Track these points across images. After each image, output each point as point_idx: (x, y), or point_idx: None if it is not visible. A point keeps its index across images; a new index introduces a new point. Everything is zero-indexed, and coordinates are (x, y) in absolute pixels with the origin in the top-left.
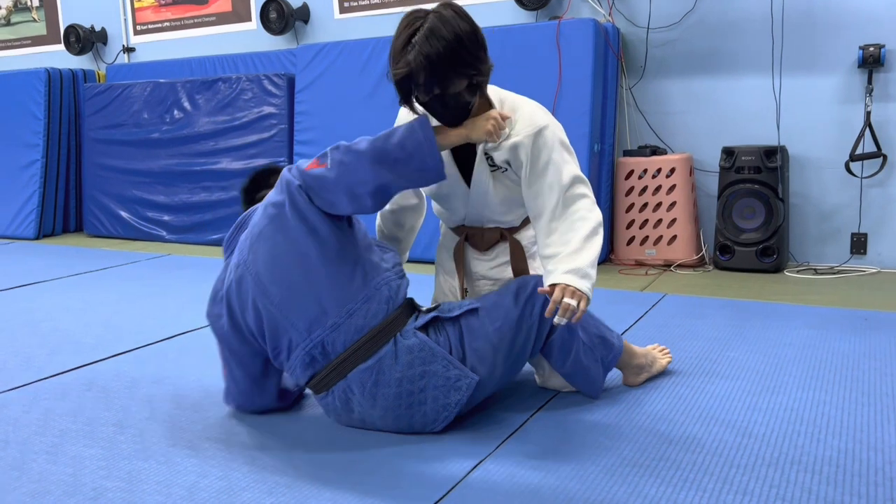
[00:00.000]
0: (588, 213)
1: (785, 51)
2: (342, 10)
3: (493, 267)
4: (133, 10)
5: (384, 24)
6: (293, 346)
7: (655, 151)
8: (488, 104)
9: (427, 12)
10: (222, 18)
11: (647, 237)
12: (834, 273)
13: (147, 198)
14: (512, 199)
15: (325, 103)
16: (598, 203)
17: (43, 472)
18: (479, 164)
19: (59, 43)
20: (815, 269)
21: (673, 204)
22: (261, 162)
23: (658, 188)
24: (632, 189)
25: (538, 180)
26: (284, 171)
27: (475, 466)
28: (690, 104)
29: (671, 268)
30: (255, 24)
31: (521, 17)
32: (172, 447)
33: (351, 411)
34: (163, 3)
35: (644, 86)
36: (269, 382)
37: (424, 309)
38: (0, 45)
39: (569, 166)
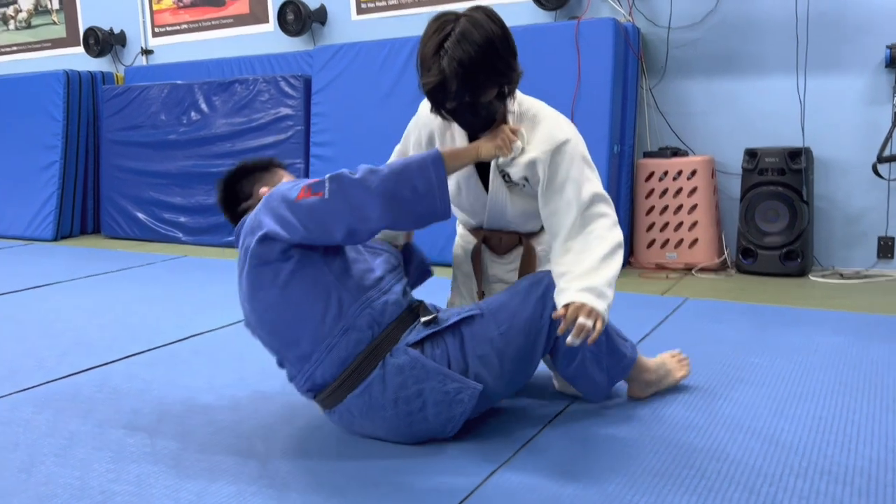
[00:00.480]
0: (607, 233)
1: (810, 50)
2: (359, 11)
3: (510, 270)
4: (151, 12)
5: (401, 25)
6: (291, 373)
7: (676, 153)
8: (503, 116)
9: (458, 15)
10: (240, 20)
11: (667, 240)
12: (860, 278)
13: (164, 199)
14: (531, 211)
15: (342, 105)
16: (617, 205)
17: (51, 474)
18: (494, 180)
19: (79, 45)
20: (840, 274)
21: (694, 206)
22: None
23: (679, 190)
24: (652, 191)
25: (555, 197)
26: (263, 202)
27: (490, 475)
28: (712, 105)
29: (692, 271)
30: (272, 25)
31: (540, 16)
32: (182, 451)
33: (355, 425)
34: (181, 5)
35: (665, 86)
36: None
37: (426, 319)
38: (21, 48)
39: (589, 184)
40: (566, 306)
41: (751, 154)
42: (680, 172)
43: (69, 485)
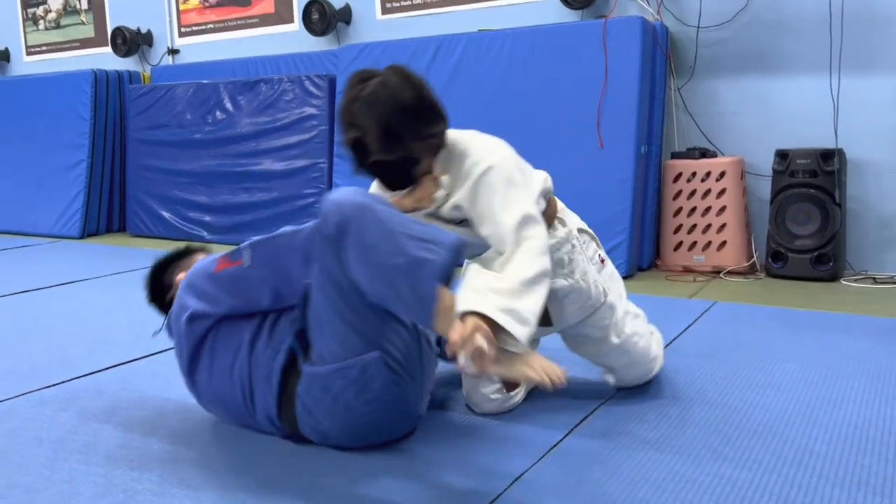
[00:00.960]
0: (530, 262)
1: (844, 49)
2: (384, 10)
3: None
4: (178, 12)
5: (426, 24)
6: (260, 427)
7: (705, 154)
8: (428, 166)
9: (373, 76)
10: (265, 20)
11: (695, 243)
12: (894, 283)
13: (189, 198)
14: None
15: None
16: (644, 207)
17: (74, 472)
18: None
19: (107, 45)
20: (873, 279)
21: (723, 208)
22: (302, 163)
23: (707, 192)
24: (679, 192)
25: (484, 230)
26: (183, 284)
27: (515, 480)
28: (742, 105)
29: (720, 274)
30: (297, 25)
31: (566, 15)
32: (205, 450)
33: (332, 440)
34: (207, 5)
35: (693, 86)
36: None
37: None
38: (50, 48)
39: (512, 210)
40: (466, 317)
41: (782, 155)
42: (708, 174)
43: (92, 482)
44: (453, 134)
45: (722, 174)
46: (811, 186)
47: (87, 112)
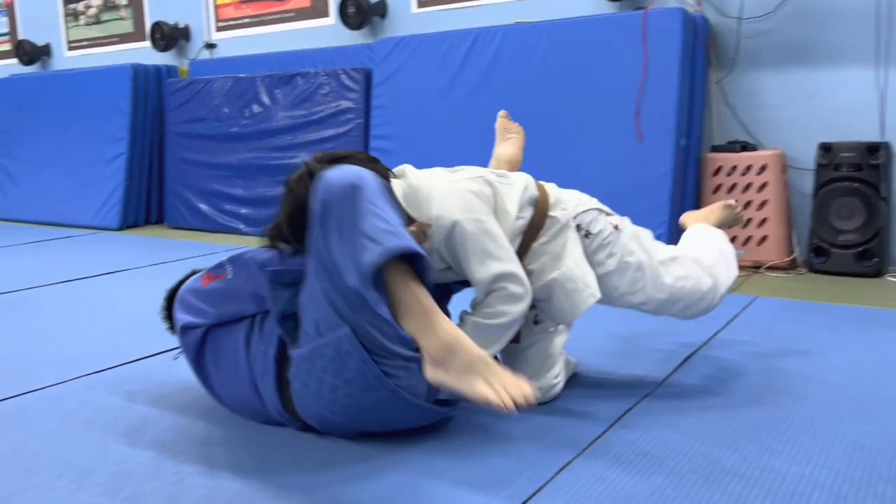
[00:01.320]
0: (491, 305)
1: (892, 40)
2: (420, 4)
3: None
4: (215, 6)
5: (462, 17)
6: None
7: (746, 147)
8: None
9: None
10: (301, 14)
11: (734, 237)
12: None
13: (226, 191)
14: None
15: (402, 97)
16: (682, 201)
17: (126, 454)
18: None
19: (146, 40)
20: None
21: (764, 203)
22: None
23: (748, 186)
24: (719, 186)
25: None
26: (175, 304)
27: (560, 470)
28: (784, 98)
29: (760, 270)
30: (333, 19)
31: (604, 7)
32: (251, 435)
33: (358, 431)
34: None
35: (734, 79)
36: None
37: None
38: (90, 43)
39: (481, 269)
40: None
41: (825, 149)
42: (749, 167)
43: (144, 464)
44: (415, 179)
45: (763, 168)
46: (856, 180)
47: (126, 106)
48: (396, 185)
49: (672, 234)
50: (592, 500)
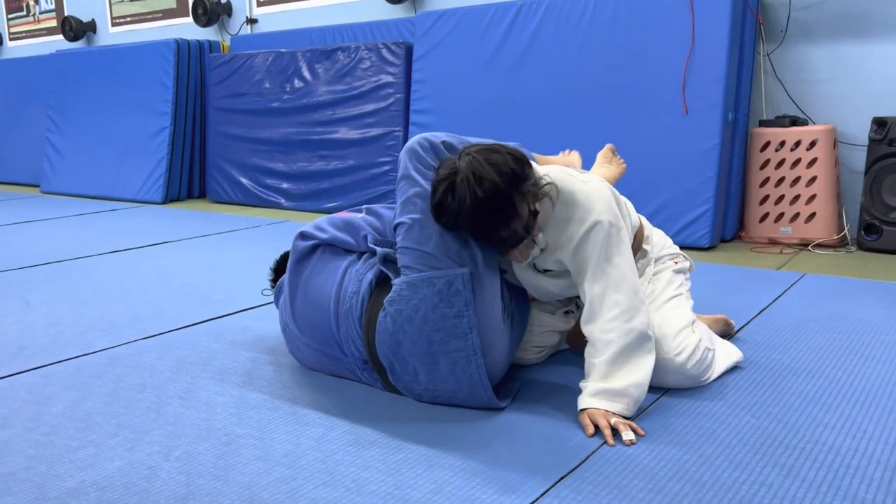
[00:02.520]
0: (612, 335)
1: None
2: None
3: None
4: None
5: None
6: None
7: (795, 122)
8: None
9: (457, 170)
10: None
11: (782, 214)
12: None
13: (267, 165)
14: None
15: (443, 71)
16: (729, 176)
17: (178, 415)
18: (522, 270)
19: (188, 15)
20: None
21: (813, 179)
22: (377, 132)
23: (797, 161)
24: (767, 162)
25: (582, 281)
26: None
27: (603, 444)
28: (836, 72)
29: (808, 247)
30: None
31: None
32: (300, 399)
33: (415, 390)
34: None
35: (784, 52)
36: None
37: (380, 256)
38: (134, 18)
39: (600, 280)
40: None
41: (880, 123)
42: (798, 143)
43: (196, 425)
44: (561, 181)
45: (813, 143)
46: None
47: (170, 81)
48: (556, 176)
49: (716, 210)
50: (642, 467)
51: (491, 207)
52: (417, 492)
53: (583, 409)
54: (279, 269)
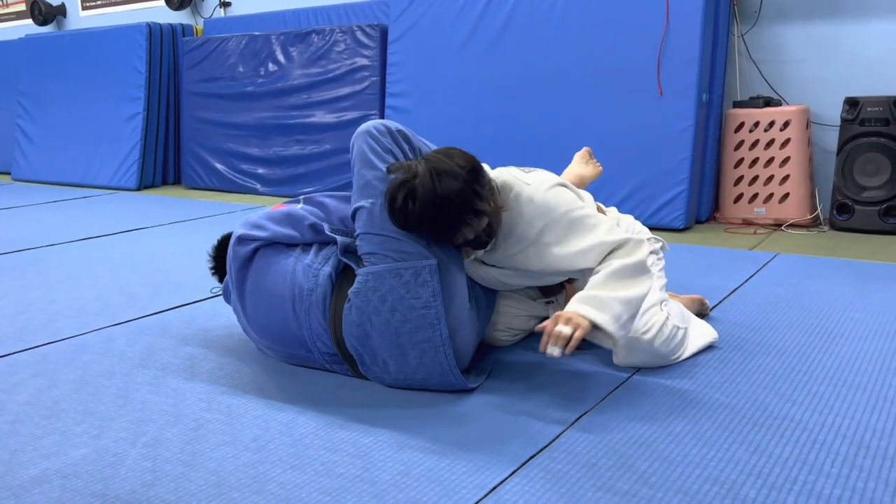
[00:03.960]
0: (612, 261)
1: None
2: None
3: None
4: None
5: None
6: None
7: (769, 103)
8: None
9: (415, 173)
10: None
11: (756, 195)
12: None
13: (242, 151)
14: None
15: (419, 54)
16: (704, 157)
17: (146, 401)
18: (473, 267)
19: None
20: None
21: (786, 159)
22: (353, 115)
23: (771, 142)
24: (741, 143)
25: (557, 269)
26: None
27: (585, 413)
28: (809, 52)
29: (782, 227)
30: None
31: None
32: (268, 384)
33: (381, 375)
34: None
35: (758, 32)
36: None
37: (340, 246)
38: (105, 2)
39: (585, 257)
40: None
41: (852, 103)
42: (772, 123)
43: (164, 411)
44: (505, 184)
45: (786, 124)
46: (882, 135)
47: (142, 65)
48: (501, 177)
49: (691, 192)
50: (613, 444)
51: (453, 209)
52: (386, 473)
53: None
54: (219, 255)
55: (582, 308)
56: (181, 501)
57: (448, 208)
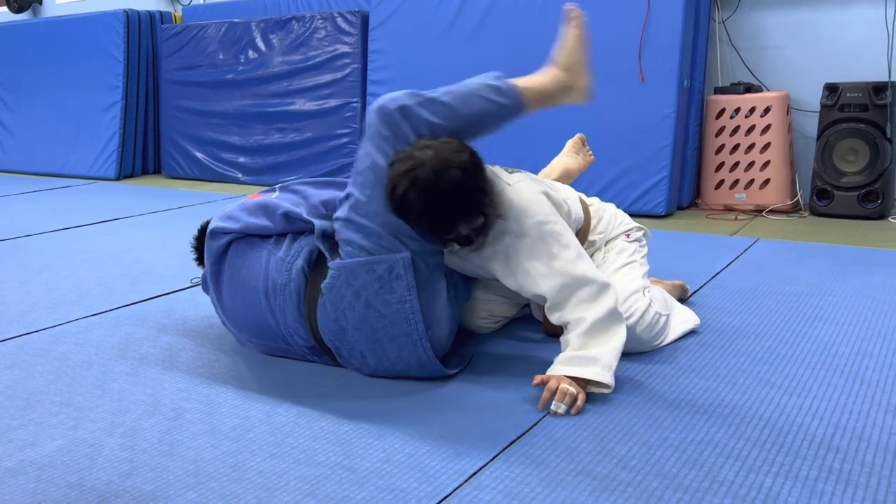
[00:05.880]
0: (583, 313)
1: None
2: None
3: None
4: None
5: None
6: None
7: (749, 89)
8: None
9: (421, 162)
10: None
11: (737, 181)
12: None
13: (222, 139)
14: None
15: (400, 41)
16: (685, 144)
17: (124, 391)
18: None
19: None
20: None
21: (767, 145)
22: (335, 103)
23: (751, 128)
24: (722, 129)
25: (524, 290)
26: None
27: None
28: (790, 38)
29: (763, 213)
30: None
31: None
32: (248, 374)
33: (359, 364)
34: None
35: (738, 18)
36: None
37: (317, 233)
38: None
39: (546, 273)
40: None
41: (831, 89)
42: (753, 109)
43: (142, 401)
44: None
45: (767, 110)
46: (861, 121)
47: (120, 53)
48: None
49: (672, 178)
50: (591, 430)
51: (455, 202)
52: (367, 461)
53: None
54: (201, 244)
55: (568, 370)
56: (159, 491)
57: (451, 200)
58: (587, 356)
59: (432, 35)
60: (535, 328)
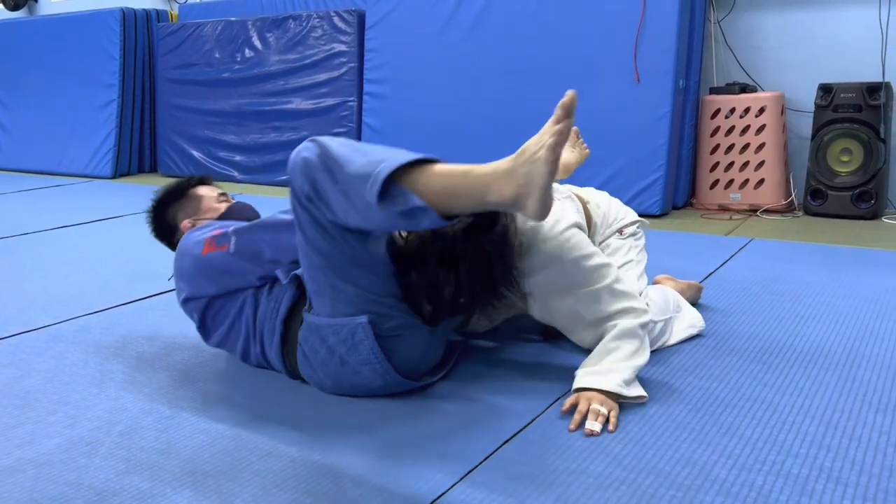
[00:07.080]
0: (609, 322)
1: None
2: None
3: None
4: None
5: None
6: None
7: (745, 89)
8: None
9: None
10: None
11: (731, 181)
12: None
13: (219, 138)
14: None
15: (396, 40)
16: (681, 144)
17: (121, 391)
18: None
19: None
20: None
21: (762, 145)
22: (331, 101)
23: (746, 128)
24: (717, 129)
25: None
26: (175, 259)
27: (554, 402)
28: (785, 39)
29: (757, 213)
30: None
31: None
32: (246, 373)
33: (324, 387)
34: None
35: (734, 19)
36: None
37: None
38: None
39: (582, 314)
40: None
41: (825, 89)
42: (748, 109)
43: (139, 400)
44: None
45: (762, 110)
46: (855, 122)
47: (116, 51)
48: None
49: (668, 178)
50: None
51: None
52: (363, 459)
53: (576, 390)
54: (161, 228)
55: (591, 381)
56: (156, 489)
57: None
58: (605, 368)
59: (429, 34)
60: (533, 327)
